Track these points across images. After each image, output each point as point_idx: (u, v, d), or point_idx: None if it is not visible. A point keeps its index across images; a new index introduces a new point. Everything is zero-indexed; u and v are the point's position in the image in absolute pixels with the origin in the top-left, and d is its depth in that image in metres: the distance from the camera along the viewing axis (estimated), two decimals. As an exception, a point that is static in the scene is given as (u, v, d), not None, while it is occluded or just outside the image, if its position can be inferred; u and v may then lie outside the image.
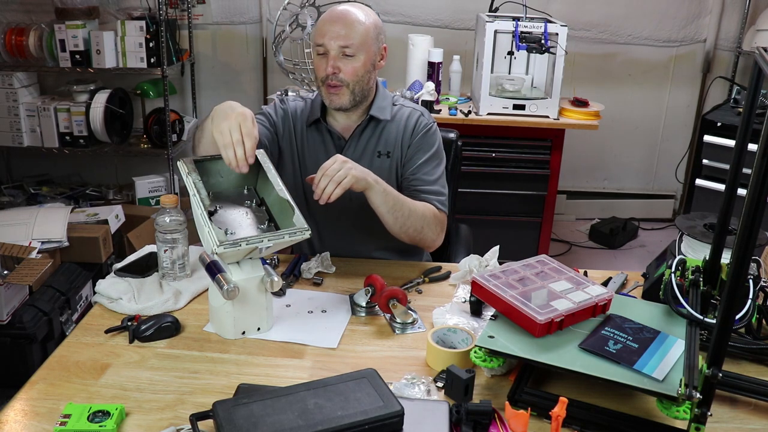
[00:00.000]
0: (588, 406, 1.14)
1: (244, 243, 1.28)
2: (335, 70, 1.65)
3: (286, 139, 1.79)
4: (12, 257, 2.43)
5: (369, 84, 1.72)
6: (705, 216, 1.53)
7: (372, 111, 1.75)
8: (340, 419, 0.98)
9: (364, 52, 1.66)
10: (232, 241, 1.27)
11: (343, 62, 1.65)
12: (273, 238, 1.31)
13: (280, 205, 1.40)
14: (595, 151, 4.04)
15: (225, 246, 1.26)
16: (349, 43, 1.63)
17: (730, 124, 3.12)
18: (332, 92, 1.68)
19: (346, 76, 1.65)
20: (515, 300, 1.23)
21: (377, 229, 1.68)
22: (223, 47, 3.87)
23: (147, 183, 3.58)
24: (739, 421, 1.16)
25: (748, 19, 3.76)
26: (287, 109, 1.80)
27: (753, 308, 1.28)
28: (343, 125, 1.77)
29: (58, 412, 1.10)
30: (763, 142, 0.87)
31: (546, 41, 2.86)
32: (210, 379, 1.23)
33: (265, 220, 1.41)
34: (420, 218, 1.66)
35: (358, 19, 1.65)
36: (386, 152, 1.76)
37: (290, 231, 1.32)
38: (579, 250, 3.83)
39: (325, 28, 1.65)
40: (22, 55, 3.33)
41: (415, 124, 1.77)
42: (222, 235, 1.27)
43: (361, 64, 1.66)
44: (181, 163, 1.43)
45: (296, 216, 1.34)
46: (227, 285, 1.27)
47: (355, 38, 1.64)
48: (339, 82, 1.66)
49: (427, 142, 1.76)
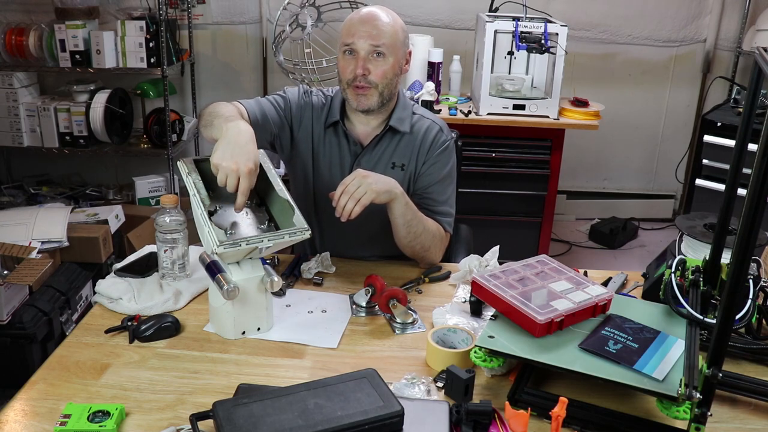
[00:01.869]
0: (588, 406, 1.14)
1: (244, 243, 1.28)
2: (365, 71, 1.63)
3: (303, 133, 1.76)
4: (12, 257, 2.43)
5: (396, 88, 1.71)
6: (705, 216, 1.53)
7: (392, 121, 1.73)
8: (340, 419, 0.98)
9: (393, 53, 1.64)
10: (232, 241, 1.27)
11: (373, 64, 1.63)
12: (273, 238, 1.31)
13: (280, 204, 1.40)
14: (595, 151, 4.04)
15: (225, 246, 1.26)
16: (381, 42, 1.62)
17: (730, 124, 3.12)
18: (360, 93, 1.65)
19: (375, 78, 1.63)
20: (515, 300, 1.23)
21: (381, 237, 1.69)
22: (223, 47, 3.87)
23: (147, 183, 3.58)
24: (739, 421, 1.16)
25: (748, 19, 3.76)
26: (309, 103, 1.76)
27: (753, 308, 1.28)
28: (361, 131, 1.76)
29: (58, 412, 1.10)
30: (763, 142, 0.87)
31: (546, 41, 2.86)
32: (210, 379, 1.23)
33: (265, 219, 1.41)
34: (430, 237, 1.68)
35: (387, 21, 1.65)
36: (401, 164, 1.75)
37: (290, 231, 1.32)
38: (579, 250, 3.83)
39: (355, 28, 1.63)
40: (22, 55, 3.33)
41: (433, 140, 1.75)
42: (222, 235, 1.27)
43: (390, 66, 1.64)
44: (181, 163, 1.43)
45: (296, 216, 1.34)
46: (227, 285, 1.27)
47: (385, 38, 1.62)
48: (368, 84, 1.64)
49: (443, 160, 1.76)
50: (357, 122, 1.75)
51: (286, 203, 1.37)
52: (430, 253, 1.71)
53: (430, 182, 1.75)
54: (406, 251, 1.70)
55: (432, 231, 1.69)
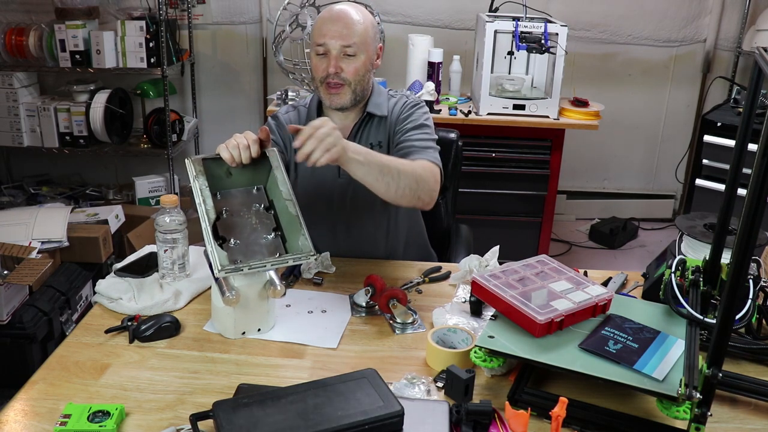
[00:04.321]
0: (588, 406, 1.14)
1: (246, 268, 1.26)
2: (337, 70, 1.64)
3: (287, 151, 1.79)
4: (12, 257, 2.43)
5: (368, 83, 1.72)
6: (705, 216, 1.53)
7: (369, 108, 1.74)
8: (340, 419, 0.98)
9: (364, 51, 1.66)
10: (234, 267, 1.25)
11: (345, 62, 1.65)
12: (276, 263, 1.30)
13: (288, 215, 1.37)
14: (595, 151, 4.04)
15: (226, 271, 1.25)
16: (351, 42, 1.63)
17: (730, 124, 3.12)
18: (333, 92, 1.67)
19: (348, 75, 1.65)
20: (515, 300, 1.23)
21: (376, 235, 1.67)
22: (223, 47, 3.87)
23: (147, 183, 3.58)
24: (739, 421, 1.16)
25: (748, 19, 3.76)
26: (281, 124, 1.79)
27: (753, 308, 1.28)
28: (341, 126, 1.76)
29: (58, 412, 1.10)
30: (763, 142, 0.87)
31: (546, 41, 2.86)
32: (210, 379, 1.23)
33: (272, 228, 1.38)
34: (411, 176, 1.52)
35: (358, 19, 1.65)
36: (377, 142, 1.75)
37: (295, 256, 1.30)
38: (579, 250, 3.83)
39: (326, 28, 1.64)
40: (22, 55, 3.33)
41: (403, 105, 1.77)
42: (224, 259, 1.26)
43: (361, 64, 1.66)
44: (189, 163, 1.41)
45: (302, 239, 1.32)
46: (228, 292, 1.27)
47: (355, 37, 1.64)
48: (341, 81, 1.65)
49: (415, 114, 1.74)
50: (335, 119, 1.75)
51: (295, 219, 1.35)
52: (421, 191, 1.55)
53: (405, 131, 1.71)
54: (399, 202, 1.56)
55: (410, 169, 1.53)
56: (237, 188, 1.46)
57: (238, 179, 1.47)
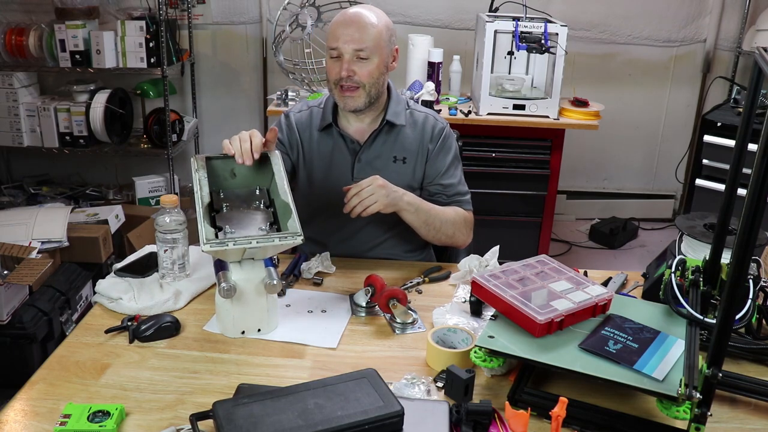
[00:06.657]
0: (588, 406, 1.14)
1: (231, 243, 1.27)
2: (350, 73, 1.64)
3: (294, 151, 1.80)
4: (12, 257, 2.43)
5: (383, 86, 1.72)
6: (705, 216, 1.53)
7: (388, 116, 1.75)
8: (340, 419, 0.98)
9: (377, 54, 1.65)
10: (219, 240, 1.27)
11: (358, 65, 1.65)
12: (261, 241, 1.30)
13: (283, 207, 1.40)
14: (595, 151, 4.04)
15: (211, 245, 1.26)
16: (363, 46, 1.63)
17: (730, 124, 3.12)
18: (347, 94, 1.67)
19: (361, 78, 1.65)
20: (515, 300, 1.23)
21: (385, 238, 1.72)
22: (223, 47, 3.87)
23: (147, 183, 3.58)
24: (739, 421, 1.16)
25: (748, 19, 3.76)
26: (291, 124, 1.81)
27: (753, 308, 1.28)
28: (356, 128, 1.78)
29: (58, 412, 1.10)
30: (763, 142, 0.87)
31: (546, 41, 2.86)
32: (210, 379, 1.23)
33: (269, 221, 1.40)
34: (451, 225, 1.74)
35: (371, 22, 1.65)
36: (402, 158, 1.77)
37: (281, 235, 1.31)
38: (579, 250, 3.83)
39: (339, 32, 1.64)
40: (22, 55, 3.33)
41: (432, 130, 1.79)
42: (211, 234, 1.28)
43: (375, 67, 1.66)
44: (194, 159, 1.45)
45: (291, 220, 1.34)
46: (224, 283, 1.28)
47: (368, 41, 1.63)
48: (355, 84, 1.66)
49: (445, 149, 1.80)
50: (351, 121, 1.77)
51: (287, 206, 1.37)
52: (456, 237, 1.78)
53: (438, 172, 1.78)
54: (434, 243, 1.81)
55: (452, 219, 1.74)
56: (240, 188, 1.49)
57: (242, 180, 1.49)
